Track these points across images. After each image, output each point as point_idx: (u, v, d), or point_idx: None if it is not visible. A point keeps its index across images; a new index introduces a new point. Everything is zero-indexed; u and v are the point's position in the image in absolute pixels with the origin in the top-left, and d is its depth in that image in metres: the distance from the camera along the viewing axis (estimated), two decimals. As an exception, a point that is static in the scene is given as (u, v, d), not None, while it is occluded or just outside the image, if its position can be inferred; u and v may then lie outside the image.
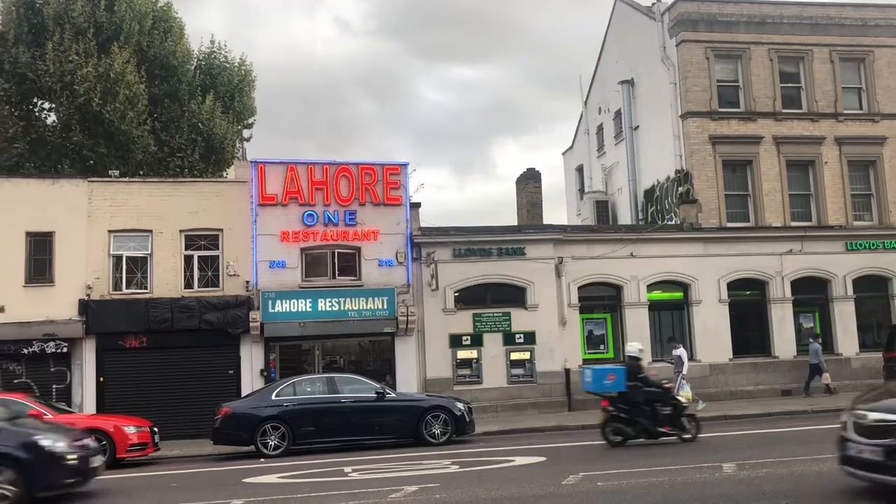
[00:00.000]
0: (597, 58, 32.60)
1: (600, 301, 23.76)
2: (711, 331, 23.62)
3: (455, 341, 22.18)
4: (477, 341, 22.30)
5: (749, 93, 25.34)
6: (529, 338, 22.46)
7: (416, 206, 22.61)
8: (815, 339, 23.13)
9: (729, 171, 25.15)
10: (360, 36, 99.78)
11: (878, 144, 25.95)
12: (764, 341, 24.22)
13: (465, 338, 22.24)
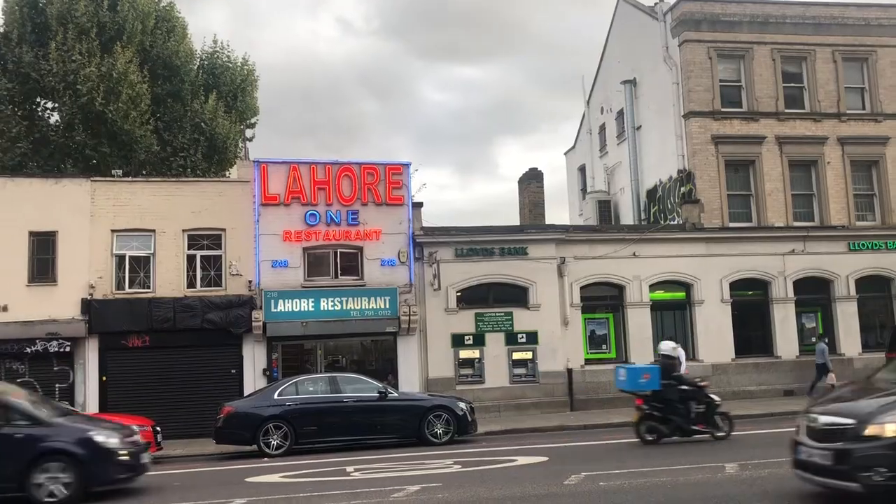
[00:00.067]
0: (599, 57, 32.61)
1: (602, 301, 23.77)
2: (714, 331, 23.62)
3: (457, 341, 22.19)
4: (479, 341, 22.31)
5: (752, 93, 25.33)
6: (532, 337, 22.46)
7: (418, 205, 22.63)
8: (822, 339, 23.14)
9: (731, 171, 25.15)
10: (363, 36, 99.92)
11: (881, 144, 25.93)
12: (766, 341, 24.22)
13: (467, 337, 22.26)
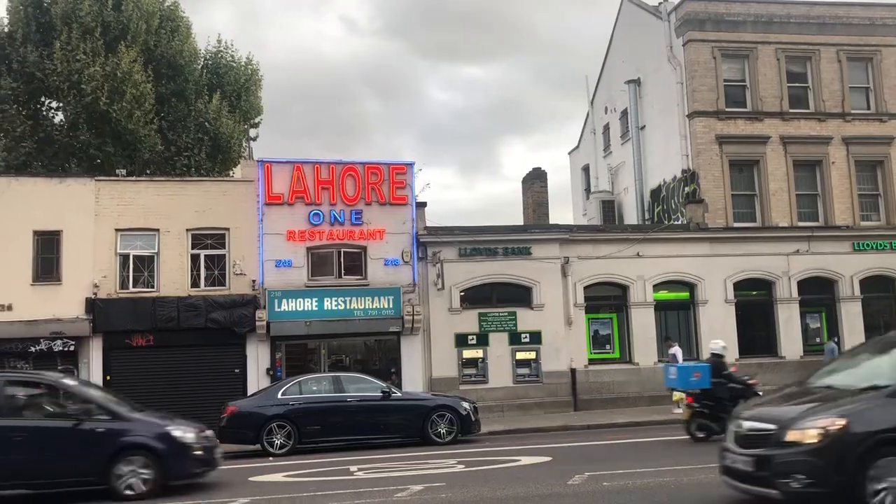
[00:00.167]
0: (603, 57, 32.59)
1: (606, 301, 23.74)
2: (718, 331, 23.43)
3: (461, 341, 22.19)
4: (482, 341, 22.31)
5: (756, 92, 25.28)
6: (535, 337, 22.45)
7: (421, 205, 22.62)
8: (832, 339, 23.12)
9: (736, 171, 25.11)
10: (366, 35, 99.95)
11: (886, 144, 25.87)
12: (770, 342, 24.17)
13: (470, 337, 22.25)
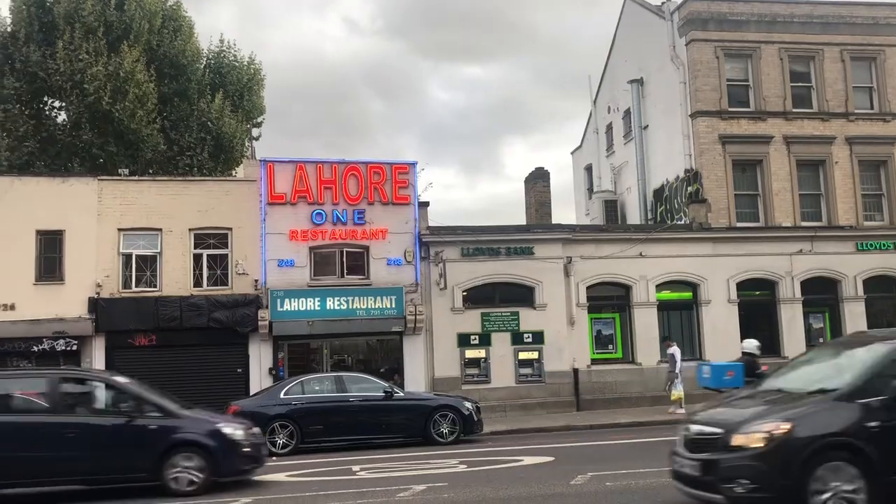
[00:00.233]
0: (606, 57, 32.55)
1: (609, 301, 23.71)
2: (720, 331, 23.52)
3: (463, 340, 22.17)
4: (485, 341, 22.29)
5: (759, 92, 25.24)
6: (538, 337, 22.43)
7: (424, 205, 22.62)
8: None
9: (739, 171, 25.07)
10: (368, 35, 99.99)
11: (889, 144, 25.82)
12: (773, 342, 24.04)
13: (473, 337, 22.24)
